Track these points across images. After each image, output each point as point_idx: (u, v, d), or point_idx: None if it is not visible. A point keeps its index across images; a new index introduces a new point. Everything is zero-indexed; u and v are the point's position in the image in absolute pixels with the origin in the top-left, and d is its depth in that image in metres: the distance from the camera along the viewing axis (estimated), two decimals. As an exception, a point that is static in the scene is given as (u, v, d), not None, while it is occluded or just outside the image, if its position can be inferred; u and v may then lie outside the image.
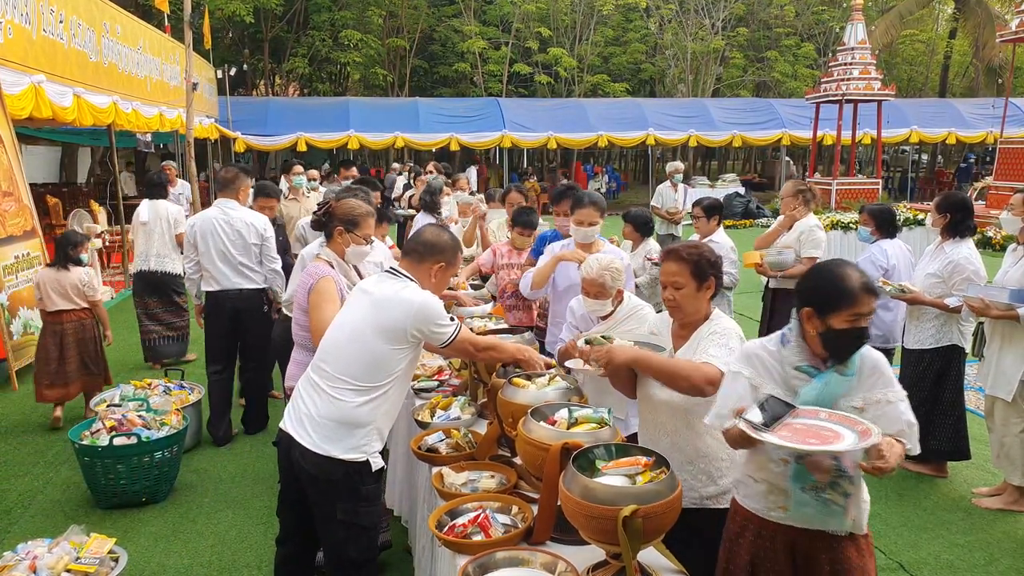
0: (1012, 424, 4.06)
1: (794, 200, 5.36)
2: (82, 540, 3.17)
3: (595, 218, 3.91)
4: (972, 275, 4.24)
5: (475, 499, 2.38)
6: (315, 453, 2.50)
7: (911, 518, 4.12)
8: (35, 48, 7.45)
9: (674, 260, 2.50)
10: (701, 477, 2.49)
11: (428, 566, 2.71)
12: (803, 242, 5.27)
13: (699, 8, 27.60)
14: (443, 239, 2.69)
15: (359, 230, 3.33)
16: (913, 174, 28.22)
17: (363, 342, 2.51)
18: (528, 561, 2.04)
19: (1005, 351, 4.04)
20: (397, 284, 2.58)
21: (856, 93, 16.71)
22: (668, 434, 2.53)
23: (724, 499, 2.45)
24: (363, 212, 3.36)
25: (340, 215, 3.32)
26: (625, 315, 3.15)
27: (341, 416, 2.51)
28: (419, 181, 11.12)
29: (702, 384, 2.31)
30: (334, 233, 3.33)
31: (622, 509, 1.78)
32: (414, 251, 2.66)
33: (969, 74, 33.77)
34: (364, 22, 25.04)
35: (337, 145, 21.81)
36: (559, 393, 2.59)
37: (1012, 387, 3.99)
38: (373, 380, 2.51)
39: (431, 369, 3.85)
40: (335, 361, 2.56)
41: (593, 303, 3.11)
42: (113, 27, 10.03)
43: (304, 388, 2.63)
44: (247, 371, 5.37)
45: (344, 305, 2.73)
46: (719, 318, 2.54)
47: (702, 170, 30.84)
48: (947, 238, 4.45)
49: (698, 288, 2.47)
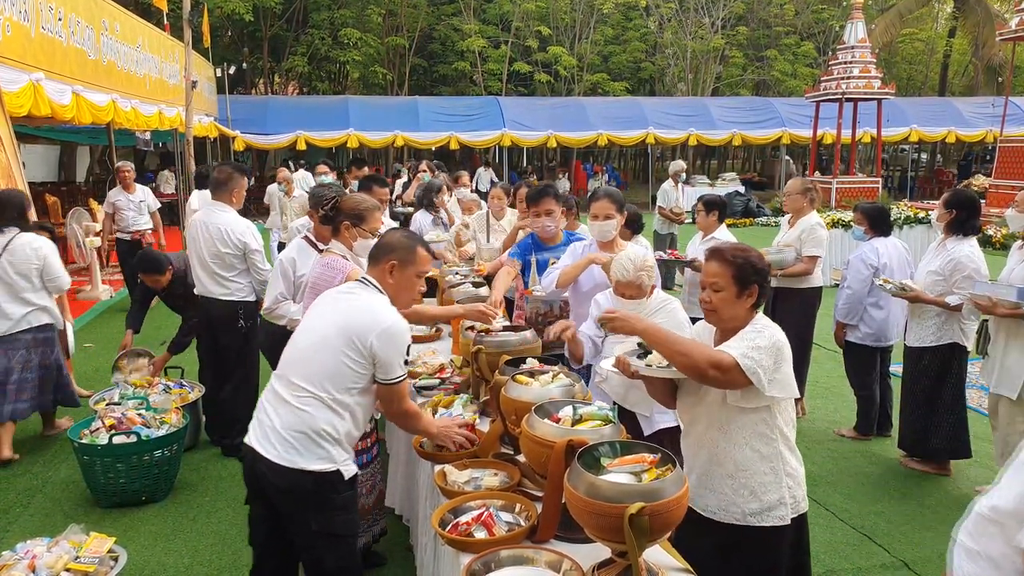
0: (1017, 422, 4.03)
1: (801, 198, 5.35)
2: (81, 539, 3.15)
3: (611, 211, 3.71)
4: (973, 273, 4.22)
5: (478, 497, 2.35)
6: (282, 466, 2.42)
7: (915, 516, 4.11)
8: (34, 46, 7.42)
9: (717, 261, 2.37)
10: (743, 492, 2.38)
11: (430, 565, 2.69)
12: (804, 240, 5.25)
13: (699, 7, 27.58)
14: (394, 239, 2.68)
15: (365, 224, 3.33)
16: (913, 173, 28.22)
17: (331, 350, 2.45)
18: (533, 559, 2.02)
19: (1010, 349, 4.01)
20: (370, 295, 2.56)
21: (856, 92, 16.68)
22: (706, 446, 2.43)
23: (769, 516, 2.36)
24: (369, 206, 3.37)
25: (346, 209, 3.35)
26: (654, 310, 3.12)
27: (306, 427, 2.43)
28: (417, 178, 11.11)
29: (703, 364, 2.22)
30: (341, 228, 3.34)
31: (628, 506, 1.76)
32: (372, 256, 2.68)
33: (969, 73, 33.77)
34: (363, 21, 25.02)
35: (336, 144, 21.78)
36: (563, 390, 2.56)
37: (1017, 385, 3.96)
38: (339, 392, 2.46)
39: (432, 367, 3.83)
40: (302, 370, 2.49)
41: (628, 304, 3.06)
42: (112, 25, 10.00)
43: (268, 401, 2.55)
44: (221, 390, 4.99)
45: (311, 311, 2.66)
46: (760, 321, 2.38)
47: (702, 169, 30.83)
48: (950, 235, 4.42)
49: (738, 294, 2.34)
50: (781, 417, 2.39)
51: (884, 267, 4.81)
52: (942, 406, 4.51)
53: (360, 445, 3.26)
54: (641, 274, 3.02)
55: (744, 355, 2.22)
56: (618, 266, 3.07)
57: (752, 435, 2.37)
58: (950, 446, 4.55)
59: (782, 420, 2.39)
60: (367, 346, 2.43)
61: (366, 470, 3.36)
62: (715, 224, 5.44)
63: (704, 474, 2.45)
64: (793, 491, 2.41)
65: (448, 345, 4.27)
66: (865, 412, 5.14)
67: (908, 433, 4.68)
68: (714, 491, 2.42)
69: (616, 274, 3.08)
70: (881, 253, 4.87)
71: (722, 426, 2.39)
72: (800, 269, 5.20)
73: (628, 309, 3.01)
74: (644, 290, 3.06)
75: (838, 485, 4.49)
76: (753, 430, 2.37)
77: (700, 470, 2.46)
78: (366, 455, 3.34)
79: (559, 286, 3.79)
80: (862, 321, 4.90)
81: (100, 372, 6.60)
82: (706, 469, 2.44)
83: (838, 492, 4.40)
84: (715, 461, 2.40)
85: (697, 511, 2.44)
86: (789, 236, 5.37)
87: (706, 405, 2.40)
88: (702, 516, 2.44)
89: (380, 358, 2.45)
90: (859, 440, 5.14)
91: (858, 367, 5.08)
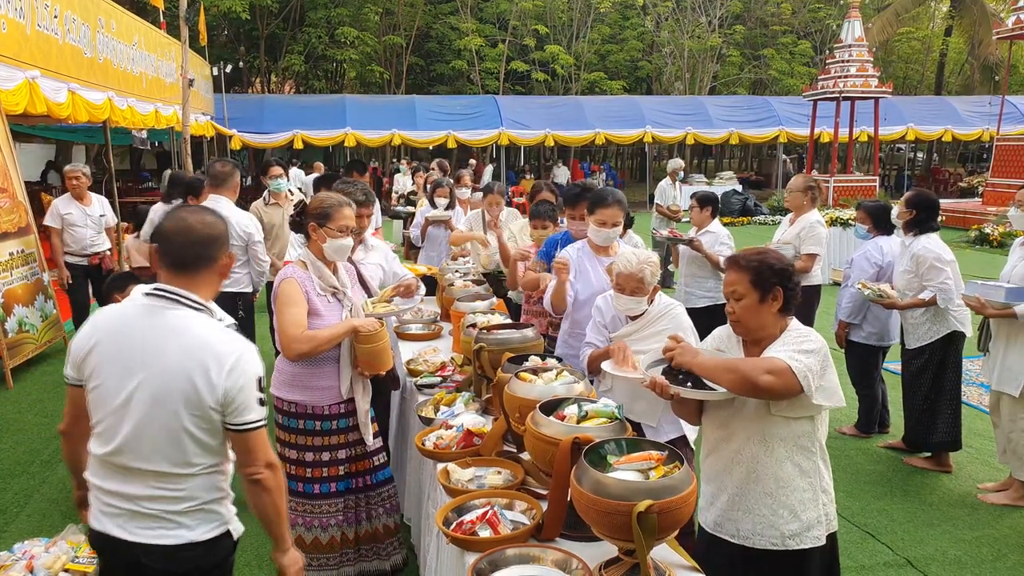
0: (1020, 420, 4.04)
1: (803, 195, 5.35)
2: (79, 539, 3.12)
3: (619, 218, 3.58)
4: (935, 261, 4.32)
5: (482, 495, 2.33)
6: (161, 546, 1.94)
7: (917, 514, 4.10)
8: (29, 43, 7.38)
9: (733, 269, 2.26)
10: (782, 512, 2.22)
11: (434, 564, 2.67)
12: (803, 238, 5.25)
13: (696, 6, 27.59)
14: (214, 226, 2.04)
15: (332, 222, 3.02)
16: (909, 171, 28.26)
17: (163, 419, 1.90)
18: (539, 558, 2.00)
19: (1011, 346, 4.02)
20: (189, 321, 1.94)
21: (853, 90, 16.71)
22: (744, 463, 2.26)
23: (807, 537, 2.22)
24: (334, 203, 3.06)
25: (311, 210, 3.08)
26: (657, 314, 3.00)
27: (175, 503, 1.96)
28: (419, 177, 11.07)
29: (756, 373, 2.06)
30: (309, 231, 3.07)
31: (636, 504, 1.74)
32: (183, 259, 1.98)
33: (965, 71, 33.84)
34: (360, 19, 24.98)
35: (334, 143, 21.74)
36: (567, 388, 2.54)
37: (1019, 382, 3.97)
38: (196, 459, 1.95)
39: (433, 365, 3.80)
40: (135, 452, 1.91)
41: (628, 300, 2.94)
42: (108, 23, 9.95)
43: (111, 477, 1.96)
44: None
45: (113, 362, 1.93)
46: (796, 329, 2.26)
47: (699, 168, 30.85)
48: (908, 233, 4.54)
49: (760, 299, 2.20)
50: (821, 428, 2.27)
51: (888, 265, 4.82)
52: (944, 397, 4.54)
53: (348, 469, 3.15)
54: (644, 268, 2.90)
55: (792, 358, 2.09)
56: (621, 259, 2.96)
57: (794, 448, 2.22)
58: (949, 439, 4.58)
59: (821, 432, 2.27)
60: (212, 407, 1.91)
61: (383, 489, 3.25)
62: (708, 219, 5.54)
63: (739, 494, 2.28)
64: (827, 507, 2.28)
65: (449, 343, 4.25)
66: (867, 411, 5.14)
67: (913, 430, 4.68)
68: (750, 512, 2.26)
69: (618, 266, 2.96)
70: (885, 252, 4.87)
71: (764, 439, 2.22)
72: (798, 267, 5.18)
73: (627, 307, 2.96)
74: (645, 286, 2.93)
75: (840, 483, 4.46)
76: (796, 443, 2.22)
77: (734, 490, 2.29)
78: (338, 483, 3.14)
79: (556, 310, 3.66)
80: (865, 320, 4.89)
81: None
82: (742, 488, 2.28)
83: (840, 490, 4.37)
84: (753, 479, 2.24)
85: (725, 538, 2.31)
86: (789, 234, 5.37)
87: (744, 418, 2.23)
88: (731, 544, 2.30)
89: (231, 398, 1.92)
90: (860, 438, 5.13)
91: (861, 366, 5.07)
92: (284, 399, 3.08)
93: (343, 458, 3.13)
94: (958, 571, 3.55)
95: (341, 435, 3.12)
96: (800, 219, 5.35)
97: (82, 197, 6.78)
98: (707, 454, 2.40)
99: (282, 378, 3.09)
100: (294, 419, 3.08)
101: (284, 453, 3.11)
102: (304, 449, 3.09)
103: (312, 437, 3.08)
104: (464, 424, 2.83)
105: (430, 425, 3.01)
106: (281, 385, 3.09)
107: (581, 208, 3.86)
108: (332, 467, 3.11)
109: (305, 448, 3.09)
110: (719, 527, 2.33)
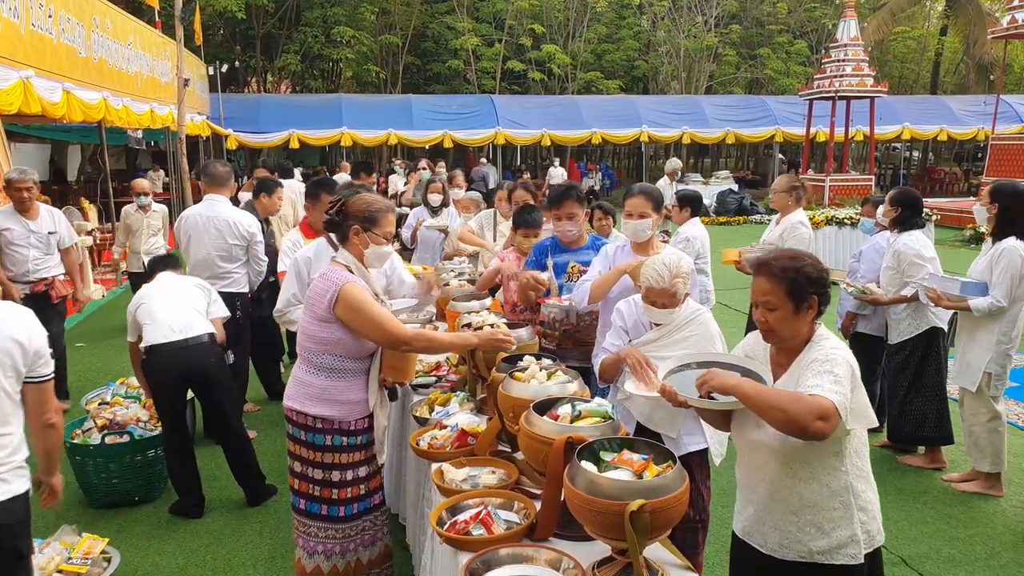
0: (980, 414, 4.20)
1: (787, 196, 5.40)
2: (74, 540, 3.12)
3: (646, 209, 3.38)
4: (915, 258, 4.43)
5: (476, 495, 2.33)
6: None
7: (911, 512, 4.11)
8: (24, 43, 7.36)
9: (766, 277, 2.12)
10: (809, 529, 2.13)
11: (428, 564, 2.66)
12: (786, 239, 5.31)
13: (692, 5, 27.62)
14: None
15: (378, 228, 2.88)
16: (905, 171, 28.33)
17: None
18: (532, 558, 2.00)
19: (970, 342, 4.19)
20: None
21: (849, 90, 16.75)
22: (765, 481, 2.18)
23: (840, 554, 2.12)
24: (382, 207, 2.93)
25: (355, 212, 2.88)
26: (684, 320, 2.83)
27: None
28: (412, 176, 11.05)
29: (806, 419, 1.90)
30: (350, 234, 2.89)
31: (629, 504, 1.74)
32: None
33: (960, 71, 33.93)
34: (356, 19, 24.95)
35: (330, 142, 21.73)
36: (561, 387, 2.54)
37: (976, 378, 4.13)
38: None
39: (428, 365, 3.80)
40: None
41: (660, 314, 2.77)
42: (103, 22, 9.93)
43: None
44: None
45: None
46: (822, 340, 2.14)
47: (696, 167, 30.88)
48: (892, 230, 4.64)
49: (796, 310, 2.09)
50: (851, 446, 2.14)
51: None
52: (925, 392, 4.63)
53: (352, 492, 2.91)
54: (677, 281, 2.70)
55: (834, 392, 1.96)
56: (650, 271, 2.74)
57: (820, 469, 2.11)
58: (938, 433, 4.65)
59: (852, 449, 2.15)
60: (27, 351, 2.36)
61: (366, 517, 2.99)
62: (687, 218, 5.58)
63: (763, 509, 2.21)
64: (867, 525, 2.16)
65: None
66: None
67: (896, 422, 4.75)
68: (776, 528, 2.19)
69: (648, 279, 2.74)
70: None
71: (785, 460, 2.13)
72: None
73: (659, 319, 2.81)
74: (678, 299, 2.75)
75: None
76: (821, 463, 2.11)
77: (759, 504, 2.22)
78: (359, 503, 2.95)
79: (592, 301, 3.43)
80: (875, 311, 4.92)
81: (92, 371, 6.56)
82: (766, 504, 2.20)
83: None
84: (776, 497, 2.17)
85: (753, 546, 2.26)
86: (773, 234, 5.45)
87: (767, 435, 2.11)
88: (759, 553, 2.24)
89: (41, 353, 2.40)
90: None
91: (866, 360, 5.10)
92: (310, 414, 2.83)
93: (363, 476, 2.94)
94: (952, 569, 3.56)
95: (362, 451, 2.93)
96: (784, 219, 5.42)
97: (27, 210, 5.35)
98: (738, 462, 2.34)
99: (309, 391, 2.84)
100: (321, 435, 2.84)
101: (307, 473, 2.87)
102: (331, 468, 2.86)
103: (339, 454, 2.86)
104: (458, 424, 2.82)
105: (425, 425, 3.01)
106: (306, 399, 2.84)
107: (567, 208, 3.74)
108: (355, 486, 2.92)
109: (332, 467, 2.86)
110: (748, 535, 2.28)
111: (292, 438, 2.90)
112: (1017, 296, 4.01)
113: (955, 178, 26.23)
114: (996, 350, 4.07)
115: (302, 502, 2.91)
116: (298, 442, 2.88)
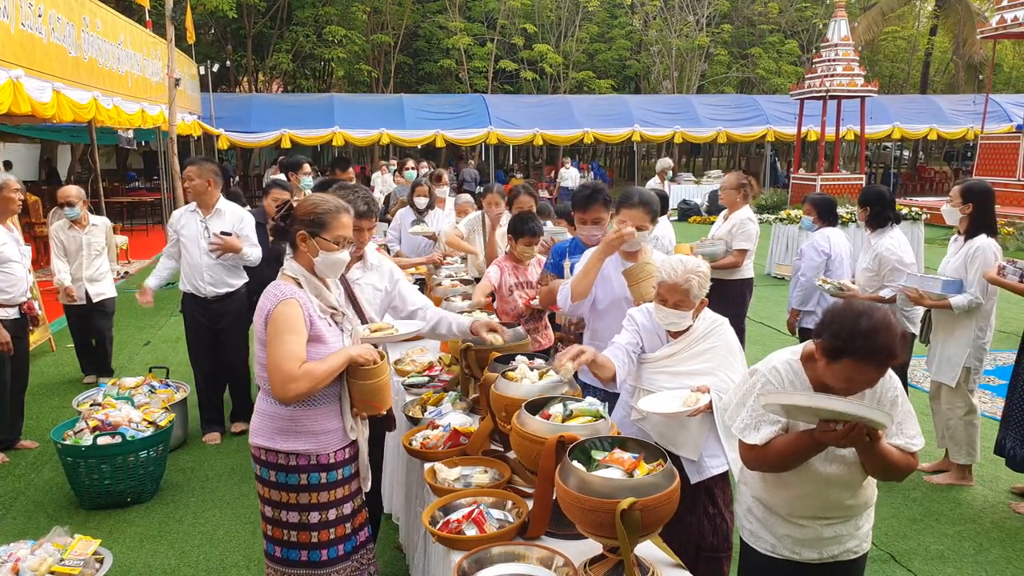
0: (957, 408, 4.30)
1: (735, 193, 5.51)
2: (66, 542, 3.11)
3: (645, 222, 3.20)
4: (896, 264, 4.49)
5: (469, 494, 2.34)
6: None
7: (900, 509, 4.15)
8: (13, 43, 7.32)
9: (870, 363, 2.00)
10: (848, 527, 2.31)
11: (422, 563, 2.68)
12: (735, 235, 5.46)
13: (684, 5, 27.70)
14: None
15: (327, 232, 2.50)
16: (895, 170, 28.48)
17: None
18: (524, 556, 2.01)
19: (949, 339, 4.27)
20: None
21: (840, 89, 16.86)
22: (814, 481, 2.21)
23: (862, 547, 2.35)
24: (330, 208, 2.53)
25: (301, 215, 2.52)
26: (704, 332, 2.70)
27: None
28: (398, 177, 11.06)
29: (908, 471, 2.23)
30: (297, 240, 2.53)
31: (620, 502, 1.76)
32: None
33: (950, 70, 34.12)
34: (348, 18, 24.90)
35: (322, 142, 21.69)
36: (552, 387, 2.55)
37: (955, 373, 4.23)
38: None
39: (421, 365, 3.81)
40: None
41: (670, 314, 2.63)
42: (93, 22, 9.88)
43: None
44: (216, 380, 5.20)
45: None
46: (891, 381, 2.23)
47: (687, 167, 30.97)
48: (870, 230, 4.69)
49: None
50: None
51: (836, 256, 5.00)
52: None
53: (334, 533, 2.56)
54: (691, 278, 2.59)
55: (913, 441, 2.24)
56: (666, 265, 2.65)
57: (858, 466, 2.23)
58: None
59: None
60: None
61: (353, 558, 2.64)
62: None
63: (791, 514, 2.28)
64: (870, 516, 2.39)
65: (436, 343, 4.25)
66: None
67: None
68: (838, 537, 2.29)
69: (662, 273, 2.65)
70: (833, 242, 5.03)
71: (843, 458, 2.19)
72: (729, 262, 5.44)
73: (670, 322, 2.66)
74: (691, 299, 2.61)
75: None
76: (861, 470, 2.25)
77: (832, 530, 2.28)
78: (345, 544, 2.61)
79: (575, 299, 3.28)
80: (818, 306, 5.01)
81: (83, 372, 6.52)
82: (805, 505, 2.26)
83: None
84: (850, 514, 2.29)
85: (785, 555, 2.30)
86: (722, 230, 5.55)
87: (841, 468, 2.20)
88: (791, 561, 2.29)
89: None
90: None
91: None
92: (280, 450, 2.48)
93: (348, 513, 2.60)
94: (940, 565, 3.60)
95: (346, 485, 2.59)
96: (732, 215, 5.54)
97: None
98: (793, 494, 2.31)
99: (275, 424, 2.50)
100: (294, 474, 2.49)
101: (281, 517, 2.52)
102: (309, 509, 2.51)
103: (317, 493, 2.51)
104: (451, 423, 2.83)
105: (417, 425, 3.02)
106: (274, 433, 2.50)
107: (594, 212, 3.52)
108: (339, 525, 2.57)
109: (310, 508, 2.51)
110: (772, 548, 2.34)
111: (261, 480, 2.55)
112: (991, 292, 4.16)
113: (945, 177, 26.38)
114: (974, 345, 4.19)
115: (277, 549, 2.56)
116: (267, 484, 2.52)
